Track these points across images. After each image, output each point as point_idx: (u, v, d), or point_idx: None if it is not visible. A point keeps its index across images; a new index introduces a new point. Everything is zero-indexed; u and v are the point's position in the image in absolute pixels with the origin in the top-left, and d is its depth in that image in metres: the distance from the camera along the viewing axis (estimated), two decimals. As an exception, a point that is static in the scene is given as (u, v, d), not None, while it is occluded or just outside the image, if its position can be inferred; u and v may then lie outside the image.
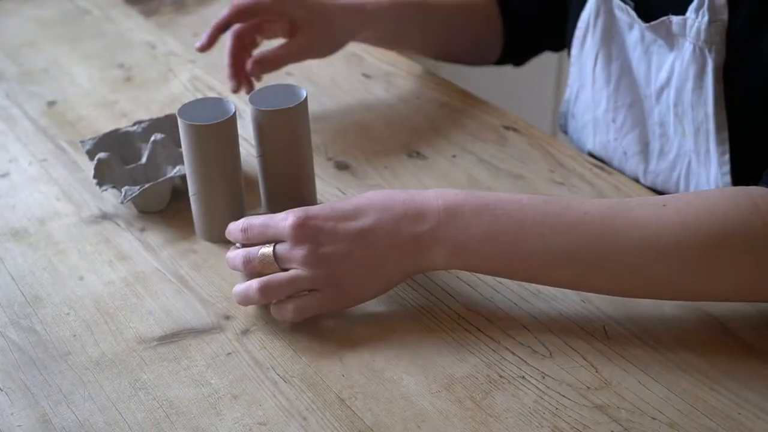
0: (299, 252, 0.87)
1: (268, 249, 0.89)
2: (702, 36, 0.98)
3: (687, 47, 1.00)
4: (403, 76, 1.33)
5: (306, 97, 1.02)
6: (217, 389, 0.85)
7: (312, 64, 1.38)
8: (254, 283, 0.88)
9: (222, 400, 0.84)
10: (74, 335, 0.92)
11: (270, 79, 1.33)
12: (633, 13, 1.05)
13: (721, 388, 0.83)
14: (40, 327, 0.93)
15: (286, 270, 0.88)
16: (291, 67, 1.37)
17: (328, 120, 1.24)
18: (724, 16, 0.97)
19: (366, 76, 1.34)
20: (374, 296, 0.91)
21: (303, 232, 0.87)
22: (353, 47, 1.41)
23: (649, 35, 1.05)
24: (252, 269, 0.90)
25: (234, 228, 0.92)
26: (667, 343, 0.87)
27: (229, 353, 0.89)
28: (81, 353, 0.90)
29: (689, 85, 1.01)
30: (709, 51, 0.98)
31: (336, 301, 0.89)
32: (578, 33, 1.14)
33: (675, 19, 1.00)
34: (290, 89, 1.04)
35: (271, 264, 0.88)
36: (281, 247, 0.88)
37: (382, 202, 0.88)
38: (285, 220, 0.88)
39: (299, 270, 0.87)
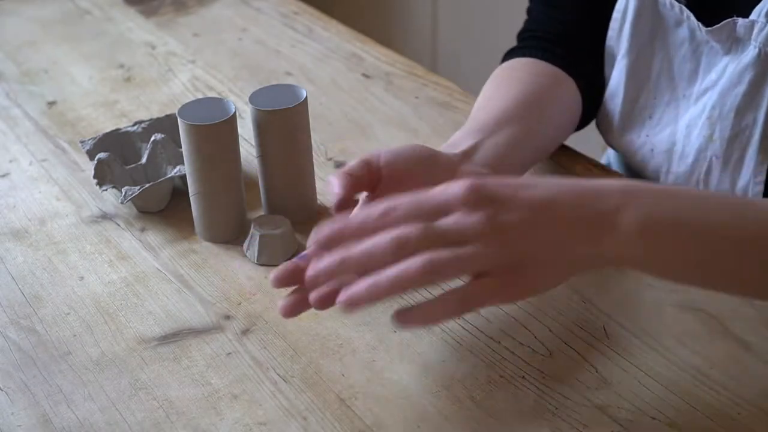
0: (476, 219, 0.70)
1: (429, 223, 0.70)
2: None
3: (750, 51, 0.99)
4: (403, 76, 1.33)
5: (306, 97, 1.02)
6: (217, 389, 0.85)
7: (312, 64, 1.38)
8: (417, 260, 0.69)
9: (222, 400, 0.84)
10: (74, 335, 0.92)
11: (270, 79, 1.33)
12: (687, 13, 1.03)
13: (721, 388, 0.83)
14: (40, 327, 0.93)
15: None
16: (291, 67, 1.37)
17: (328, 120, 1.24)
18: None
19: (366, 76, 1.34)
20: (553, 286, 0.76)
21: (479, 196, 0.70)
22: (353, 47, 1.42)
23: (701, 35, 1.03)
24: (406, 253, 0.70)
25: (361, 216, 0.73)
26: (667, 343, 0.87)
27: (229, 353, 0.89)
28: (81, 353, 0.90)
29: (740, 89, 0.99)
30: None
31: (510, 290, 0.73)
32: (614, 24, 1.09)
33: (741, 22, 0.98)
34: (290, 89, 1.04)
35: (434, 241, 0.70)
36: (449, 219, 0.71)
37: (554, 180, 0.75)
38: (452, 186, 0.71)
39: (473, 245, 0.70)
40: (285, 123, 1.01)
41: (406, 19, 2.54)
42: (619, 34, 1.09)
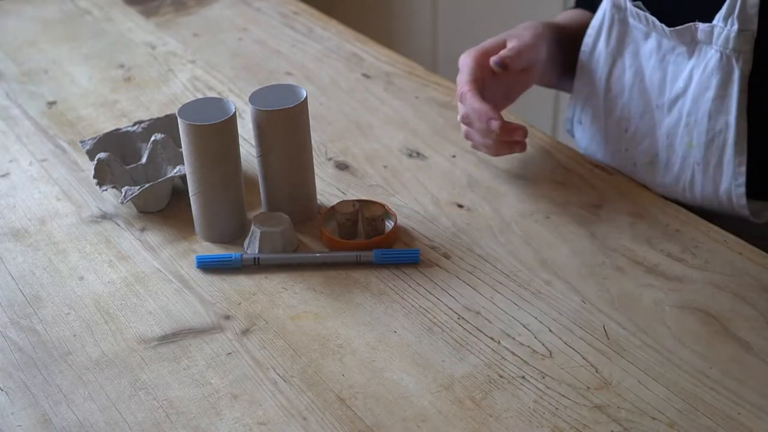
0: None
1: None
2: (731, 44, 0.98)
3: (712, 55, 1.00)
4: (403, 76, 1.33)
5: (306, 97, 1.02)
6: (217, 389, 0.85)
7: (312, 64, 1.38)
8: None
9: (222, 400, 0.84)
10: (74, 335, 0.92)
11: (270, 79, 1.33)
12: (652, 19, 1.05)
13: (721, 388, 0.83)
14: (40, 327, 0.93)
15: None
16: (291, 67, 1.37)
17: (328, 120, 1.24)
18: (754, 25, 0.97)
19: (366, 76, 1.34)
20: None
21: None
22: (353, 47, 1.42)
23: (666, 43, 1.04)
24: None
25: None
26: (667, 343, 0.87)
27: (229, 353, 0.89)
28: (81, 353, 0.90)
29: (710, 93, 1.01)
30: (737, 60, 0.98)
31: None
32: (587, 40, 1.13)
33: (701, 26, 1.00)
34: (290, 89, 1.04)
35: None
36: None
37: None
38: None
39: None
40: (285, 123, 1.01)
41: (406, 19, 2.54)
42: (593, 50, 1.12)
